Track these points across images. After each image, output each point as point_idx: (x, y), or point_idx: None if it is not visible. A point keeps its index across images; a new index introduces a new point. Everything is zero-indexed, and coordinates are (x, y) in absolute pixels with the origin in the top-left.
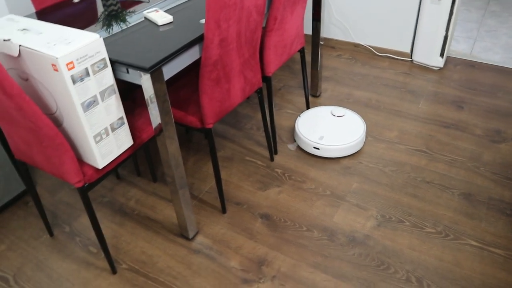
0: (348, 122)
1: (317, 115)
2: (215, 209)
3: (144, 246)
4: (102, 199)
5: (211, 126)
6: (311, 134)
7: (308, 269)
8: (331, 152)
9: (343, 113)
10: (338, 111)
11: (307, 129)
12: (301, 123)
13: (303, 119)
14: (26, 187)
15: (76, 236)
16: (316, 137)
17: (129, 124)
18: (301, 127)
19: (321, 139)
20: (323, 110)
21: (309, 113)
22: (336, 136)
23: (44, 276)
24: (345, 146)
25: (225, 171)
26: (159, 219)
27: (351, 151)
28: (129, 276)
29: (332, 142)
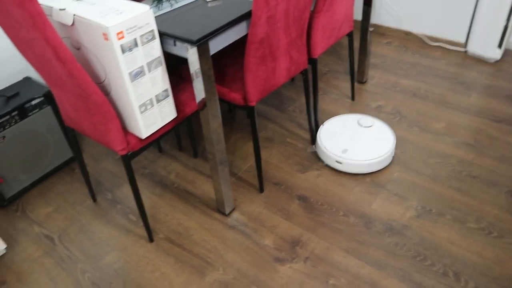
0: (376, 133)
1: (342, 124)
2: (253, 188)
3: (181, 219)
4: (144, 171)
5: (254, 104)
6: (334, 146)
7: (342, 253)
8: (354, 168)
9: (371, 123)
10: (365, 120)
11: (329, 140)
12: (324, 132)
13: (326, 127)
14: (74, 154)
15: (118, 203)
16: (339, 149)
17: (174, 97)
18: (323, 137)
19: (345, 152)
20: (349, 118)
21: (334, 121)
22: (361, 149)
23: (86, 238)
24: (370, 162)
25: (265, 151)
26: (197, 193)
27: (377, 168)
28: (165, 245)
29: (356, 156)
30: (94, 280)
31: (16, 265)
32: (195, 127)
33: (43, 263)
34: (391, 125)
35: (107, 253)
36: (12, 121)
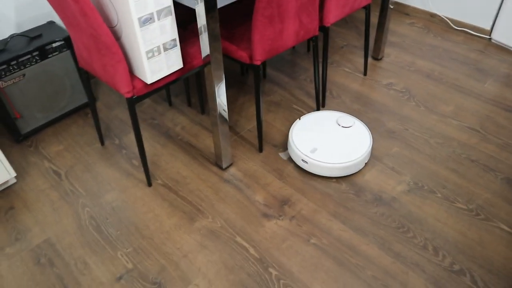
0: (353, 135)
1: (319, 121)
2: (252, 147)
3: (180, 168)
4: (152, 121)
5: (259, 63)
6: (304, 143)
7: (328, 216)
8: (319, 169)
9: (351, 124)
10: (345, 120)
11: (301, 137)
12: (297, 129)
13: (302, 123)
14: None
15: (123, 149)
16: (308, 148)
17: (183, 50)
18: (295, 134)
19: (313, 151)
20: (328, 116)
21: (311, 117)
22: (332, 151)
23: (90, 177)
24: (338, 166)
25: (271, 115)
26: (199, 146)
27: (343, 173)
28: (162, 190)
29: (324, 158)
30: (93, 214)
31: (24, 193)
32: (205, 85)
33: (49, 194)
34: (399, 103)
35: (107, 192)
36: (33, 60)
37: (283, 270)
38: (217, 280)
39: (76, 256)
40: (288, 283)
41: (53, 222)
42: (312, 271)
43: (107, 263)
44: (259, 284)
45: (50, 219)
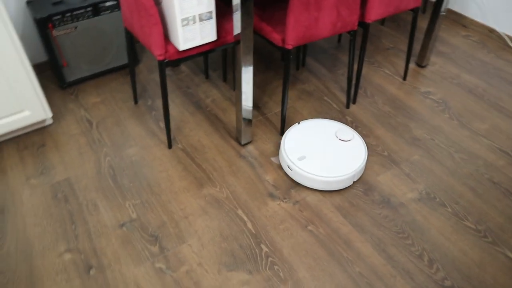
0: (347, 151)
1: (318, 129)
2: (275, 130)
3: (202, 137)
4: (187, 90)
5: (290, 48)
6: (294, 150)
7: (331, 208)
8: (301, 179)
9: (349, 138)
10: (345, 133)
11: (294, 142)
12: (293, 133)
13: (299, 128)
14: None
15: (154, 110)
16: (296, 155)
17: (219, 24)
18: (289, 138)
19: (301, 159)
20: (329, 126)
21: (311, 124)
22: (320, 163)
23: (118, 130)
24: (321, 179)
25: (300, 102)
26: (224, 120)
27: (327, 187)
28: (180, 154)
29: (310, 168)
30: (112, 164)
31: (57, 135)
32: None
33: (78, 140)
34: (433, 113)
35: (130, 146)
36: (86, 15)
37: (274, 249)
38: (209, 245)
39: (89, 198)
40: (275, 262)
41: (76, 164)
42: (301, 256)
43: (115, 210)
44: (248, 257)
45: (74, 161)
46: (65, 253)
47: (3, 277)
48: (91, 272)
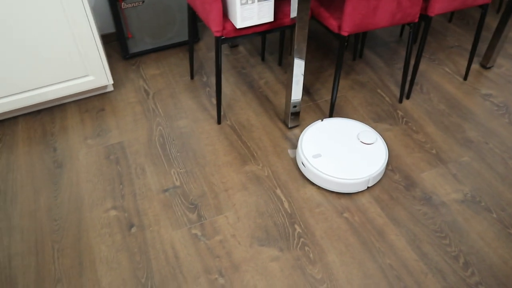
0: (367, 155)
1: (341, 128)
2: (323, 116)
3: (251, 116)
4: (242, 70)
5: (346, 35)
6: (311, 146)
7: (369, 199)
8: (313, 177)
9: (372, 141)
10: (368, 136)
11: (313, 139)
12: (314, 130)
13: (321, 126)
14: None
15: (208, 87)
16: (312, 152)
17: (278, 6)
18: (308, 134)
19: (316, 157)
20: (353, 126)
21: (334, 122)
22: (335, 163)
23: (171, 102)
24: (333, 180)
25: (352, 92)
26: (274, 102)
27: (339, 189)
28: (227, 130)
29: (323, 167)
30: (163, 133)
31: (116, 101)
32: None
33: (134, 108)
34: (491, 116)
35: (181, 118)
36: None
37: (307, 230)
38: (245, 219)
39: (138, 162)
40: (307, 243)
41: (130, 130)
42: (333, 241)
43: (160, 176)
44: (281, 235)
45: (128, 127)
46: (111, 209)
47: (55, 224)
48: (132, 229)
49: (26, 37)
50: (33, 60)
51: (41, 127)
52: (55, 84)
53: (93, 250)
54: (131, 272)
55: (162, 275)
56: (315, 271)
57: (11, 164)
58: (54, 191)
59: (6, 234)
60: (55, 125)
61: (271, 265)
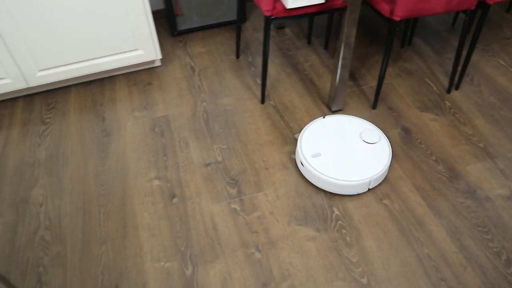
0: (369, 155)
1: (343, 126)
2: (367, 102)
3: (294, 98)
4: (287, 52)
5: (398, 20)
6: (311, 144)
7: (410, 187)
8: (311, 177)
9: (375, 140)
10: (371, 135)
11: (314, 137)
12: (315, 127)
13: (322, 123)
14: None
15: (253, 67)
16: (312, 151)
17: None
18: (309, 131)
19: (315, 156)
20: (356, 124)
21: (336, 119)
22: (335, 163)
23: (216, 79)
24: (330, 180)
25: (399, 80)
26: (319, 86)
27: (337, 190)
28: (270, 110)
29: (321, 167)
30: (207, 109)
31: (163, 76)
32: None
33: (180, 83)
34: None
35: (225, 96)
36: None
37: (345, 213)
38: (284, 198)
39: (182, 136)
40: (344, 226)
41: (175, 104)
42: (371, 226)
43: (203, 150)
44: (319, 216)
45: (174, 102)
46: (154, 179)
47: (102, 189)
48: (174, 200)
49: (82, 11)
50: (88, 33)
51: (92, 97)
52: (107, 56)
53: (136, 217)
54: (171, 240)
55: (200, 245)
56: (351, 254)
57: (63, 130)
58: (102, 158)
59: (57, 195)
60: (104, 96)
61: (308, 245)
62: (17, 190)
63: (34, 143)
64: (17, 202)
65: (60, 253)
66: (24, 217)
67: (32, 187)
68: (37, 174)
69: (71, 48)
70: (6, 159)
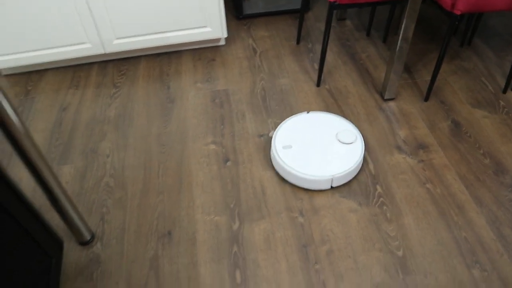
0: (339, 154)
1: (323, 123)
2: (420, 95)
3: (349, 84)
4: (346, 42)
5: (459, 13)
6: (285, 137)
7: (455, 176)
8: (278, 167)
9: (350, 141)
10: (347, 135)
11: (291, 130)
12: (295, 121)
13: (305, 118)
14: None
15: (312, 53)
16: (283, 142)
17: None
18: (288, 124)
19: (285, 148)
20: (336, 122)
21: (318, 116)
22: (303, 157)
23: (276, 62)
24: (294, 173)
25: (454, 77)
26: (373, 75)
27: (299, 183)
28: (324, 93)
29: (287, 159)
30: (265, 87)
31: (226, 54)
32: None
33: (242, 62)
34: None
35: (283, 77)
36: None
37: (388, 192)
38: None
39: (239, 108)
40: (385, 203)
41: (235, 81)
42: (412, 206)
43: (258, 123)
44: (362, 191)
45: (234, 78)
46: (210, 144)
47: (162, 148)
48: (227, 163)
49: None
50: (163, 7)
51: (159, 68)
52: (176, 31)
53: (191, 174)
54: (222, 198)
55: (248, 205)
56: (390, 229)
57: (131, 94)
58: (164, 122)
59: (122, 149)
60: (170, 68)
61: (349, 215)
62: (88, 142)
63: (105, 103)
64: (87, 151)
65: (121, 198)
66: (92, 165)
67: (101, 140)
68: (106, 130)
69: (146, 21)
70: (80, 115)
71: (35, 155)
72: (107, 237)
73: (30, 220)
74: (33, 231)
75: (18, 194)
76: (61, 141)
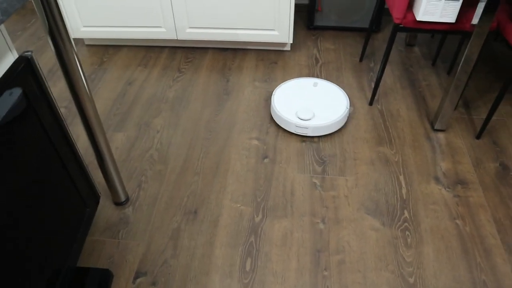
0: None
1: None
2: (472, 131)
3: (402, 108)
4: (409, 68)
5: None
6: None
7: (489, 217)
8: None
9: (309, 117)
10: (306, 112)
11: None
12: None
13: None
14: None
15: (372, 72)
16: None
17: (463, 9)
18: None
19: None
20: (339, 94)
21: (324, 85)
22: (290, 103)
23: (335, 74)
24: (283, 115)
25: None
26: (429, 104)
27: (283, 125)
28: (375, 113)
29: (278, 103)
30: None
31: (288, 60)
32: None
33: (302, 69)
34: None
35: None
36: None
37: (414, 219)
38: (362, 188)
39: None
40: (409, 228)
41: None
42: (435, 238)
43: None
44: (388, 212)
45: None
46: (254, 139)
47: (209, 133)
48: (265, 160)
49: None
50: (236, 4)
51: (223, 61)
52: (246, 29)
53: (229, 162)
54: (252, 190)
55: (275, 202)
56: (407, 254)
57: (193, 80)
58: (217, 110)
59: (172, 128)
60: (234, 63)
61: (369, 232)
62: (144, 116)
63: (167, 84)
64: (141, 124)
65: (161, 171)
66: (143, 136)
67: (155, 116)
68: (162, 108)
69: (219, 15)
70: (143, 90)
71: (93, 119)
72: (139, 202)
73: (77, 171)
74: (77, 180)
75: (72, 147)
76: (120, 111)
